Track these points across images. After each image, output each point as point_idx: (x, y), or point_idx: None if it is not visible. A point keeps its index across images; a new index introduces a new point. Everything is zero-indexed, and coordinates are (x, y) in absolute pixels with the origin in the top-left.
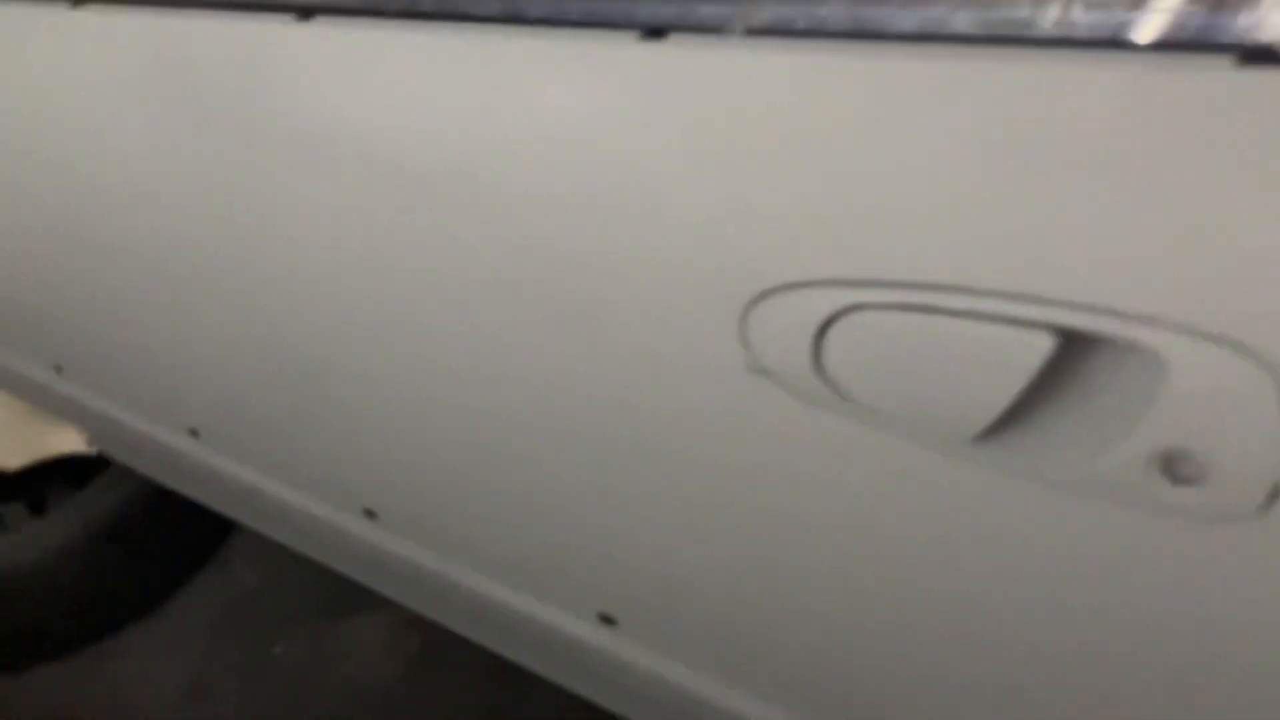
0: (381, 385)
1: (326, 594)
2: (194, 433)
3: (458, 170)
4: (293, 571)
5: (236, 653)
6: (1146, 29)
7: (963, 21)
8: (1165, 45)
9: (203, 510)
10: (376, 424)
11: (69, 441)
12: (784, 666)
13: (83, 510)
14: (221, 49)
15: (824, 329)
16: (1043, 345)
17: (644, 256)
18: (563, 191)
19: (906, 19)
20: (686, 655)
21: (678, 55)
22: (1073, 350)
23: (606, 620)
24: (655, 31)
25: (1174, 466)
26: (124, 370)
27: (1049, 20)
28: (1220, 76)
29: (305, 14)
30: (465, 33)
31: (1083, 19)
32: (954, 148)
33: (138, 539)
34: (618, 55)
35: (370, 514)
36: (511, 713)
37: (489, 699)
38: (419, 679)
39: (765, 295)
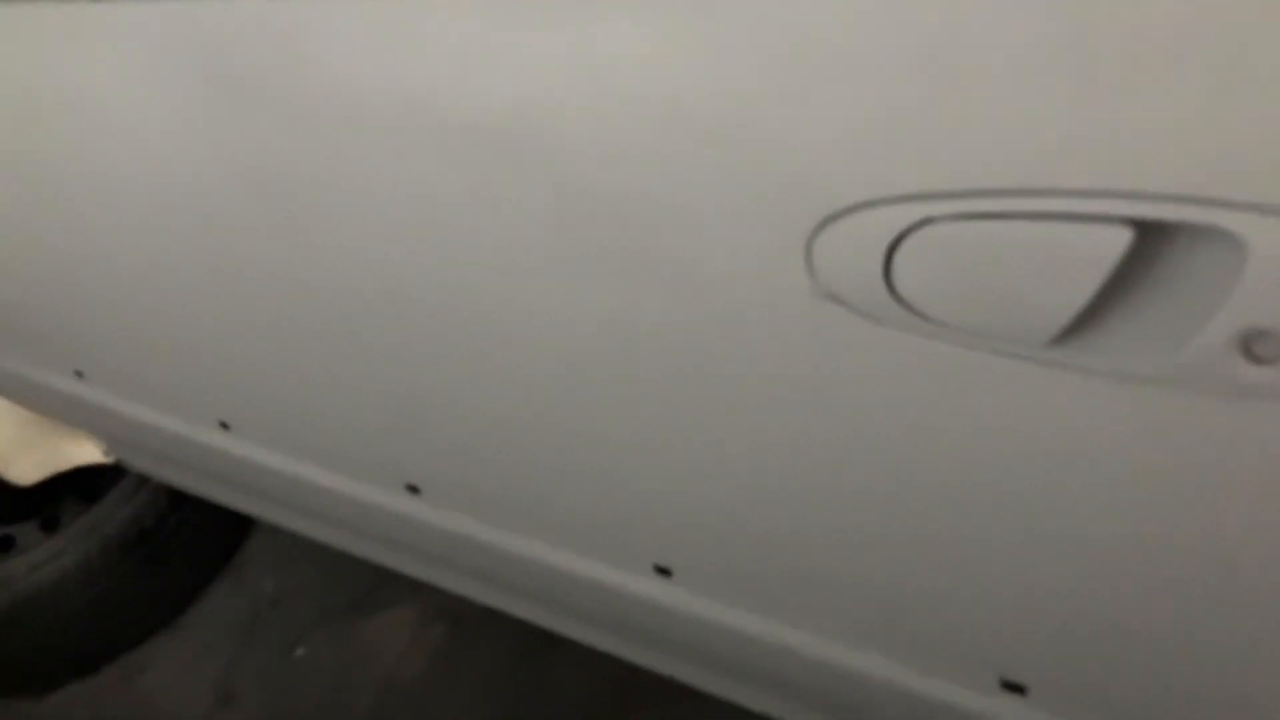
0: (427, 352)
1: (345, 594)
2: (224, 425)
3: (509, 121)
4: (310, 574)
5: (261, 658)
6: None
7: None
8: None
9: (217, 518)
10: (420, 392)
11: (81, 454)
12: (854, 598)
13: (96, 526)
14: (250, 25)
15: (894, 247)
16: (1121, 239)
17: (705, 193)
18: (621, 133)
19: None
20: (745, 599)
21: None
22: (1148, 241)
23: (662, 571)
24: None
25: (1254, 347)
26: (149, 368)
27: None
28: None
29: None
30: None
31: None
32: (1013, 47)
33: (153, 551)
34: None
35: (413, 489)
36: (538, 696)
37: (515, 684)
38: (445, 670)
39: (831, 219)
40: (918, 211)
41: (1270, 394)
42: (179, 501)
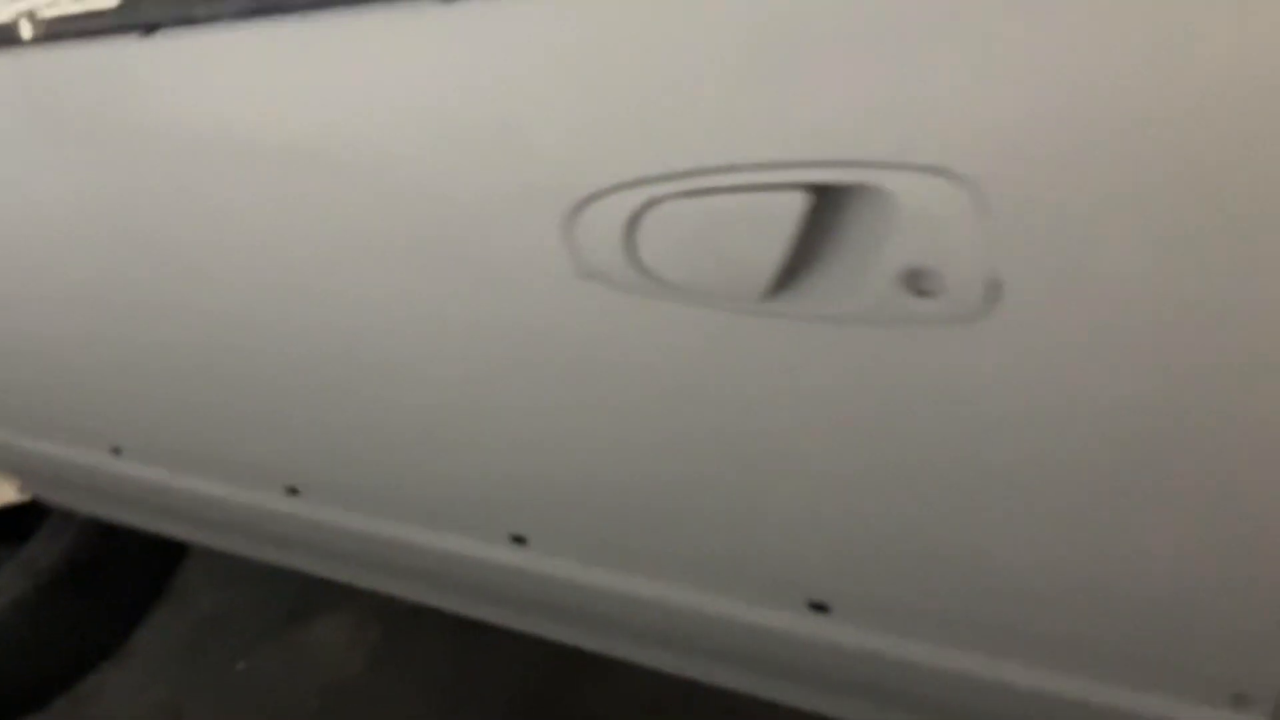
0: (280, 358)
1: (283, 605)
2: (116, 450)
3: (319, 141)
4: (246, 591)
5: (207, 676)
6: None
7: None
8: None
9: (151, 543)
10: (282, 396)
11: (2, 495)
12: (675, 541)
13: (29, 564)
14: (80, 77)
15: (632, 226)
16: (797, 202)
17: (480, 192)
18: (409, 143)
19: None
20: (590, 555)
21: (472, 11)
22: (826, 203)
23: (518, 540)
24: None
25: (917, 283)
26: (41, 402)
27: None
28: None
29: (149, 29)
30: (293, 23)
31: None
32: (705, 52)
33: (90, 583)
34: (422, 20)
35: (293, 490)
36: (478, 682)
37: (454, 673)
38: (384, 667)
39: (580, 206)
40: (645, 194)
41: (936, 320)
42: (110, 532)
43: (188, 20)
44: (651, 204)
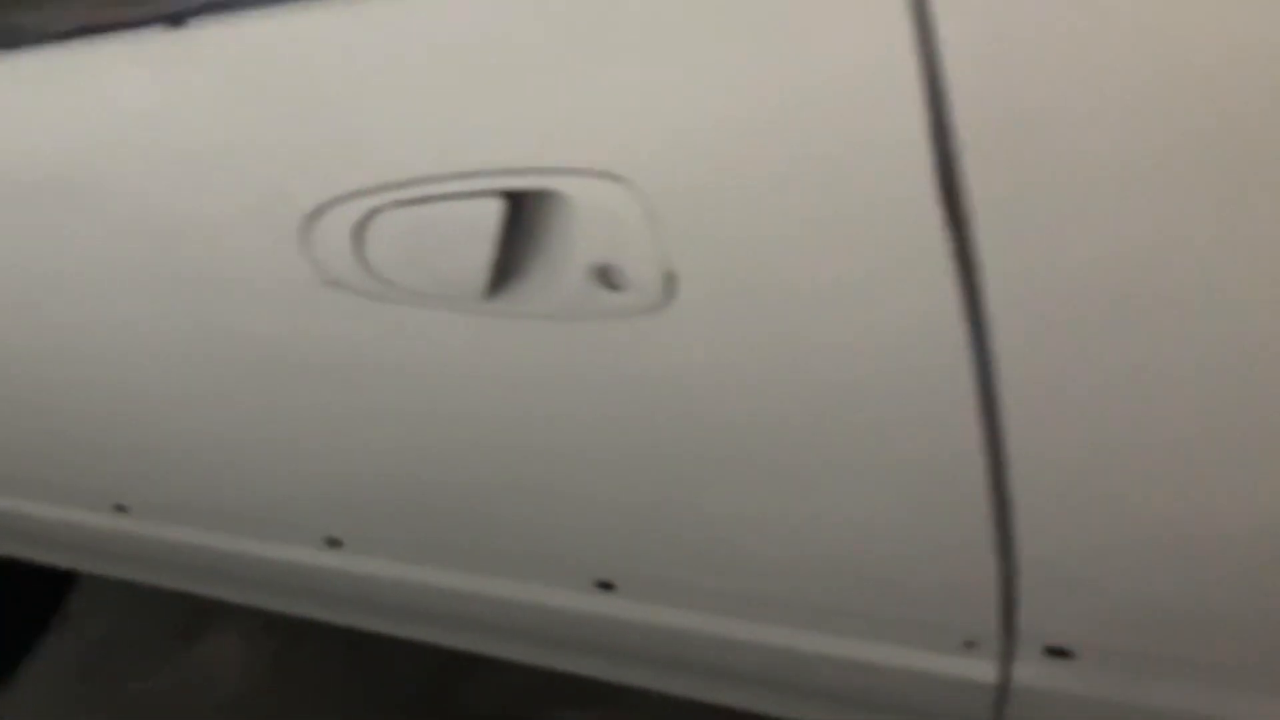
0: (66, 378)
1: (174, 624)
2: None
3: (62, 171)
4: (138, 611)
5: (100, 700)
6: None
7: None
8: None
9: (38, 571)
10: (81, 416)
11: None
12: (471, 532)
13: None
14: None
15: (359, 235)
16: (494, 207)
17: (215, 212)
18: (145, 170)
19: None
20: (396, 551)
21: (198, 37)
22: (523, 208)
23: (333, 543)
24: (176, 19)
25: (608, 278)
26: None
27: None
28: None
29: None
30: (34, 56)
31: None
32: (407, 78)
33: None
34: (151, 46)
35: (120, 508)
36: (369, 688)
37: (349, 680)
38: (280, 680)
39: (310, 219)
40: (367, 204)
41: (627, 312)
42: None
43: None
44: (374, 214)
